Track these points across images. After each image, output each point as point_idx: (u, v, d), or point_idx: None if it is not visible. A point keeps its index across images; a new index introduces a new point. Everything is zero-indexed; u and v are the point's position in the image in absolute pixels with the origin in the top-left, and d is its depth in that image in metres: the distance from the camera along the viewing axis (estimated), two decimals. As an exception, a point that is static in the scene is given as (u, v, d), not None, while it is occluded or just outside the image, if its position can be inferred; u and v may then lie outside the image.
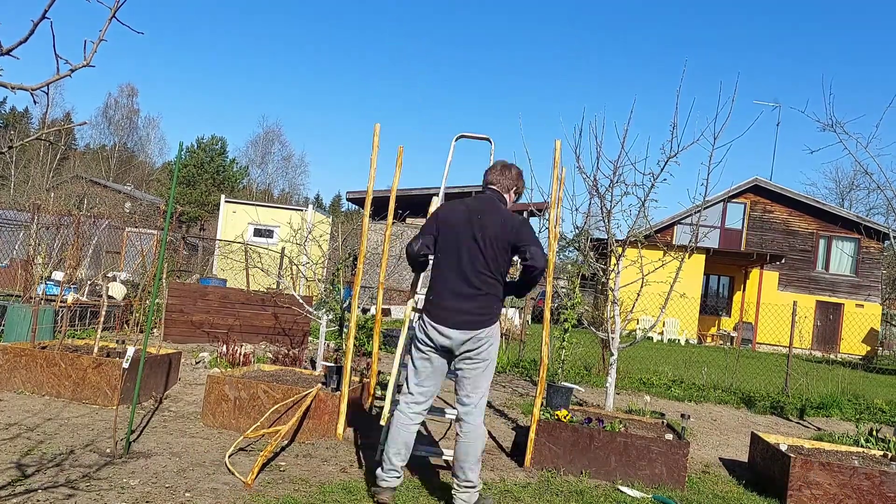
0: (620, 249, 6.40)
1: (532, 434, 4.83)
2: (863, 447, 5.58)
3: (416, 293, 4.64)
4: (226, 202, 21.35)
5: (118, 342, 6.60)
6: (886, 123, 7.38)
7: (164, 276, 9.36)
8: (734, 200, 25.96)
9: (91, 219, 13.61)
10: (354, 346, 5.29)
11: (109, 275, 11.28)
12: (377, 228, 18.58)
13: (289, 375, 5.86)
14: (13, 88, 2.12)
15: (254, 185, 56.98)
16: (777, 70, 78.80)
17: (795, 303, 10.49)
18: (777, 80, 76.01)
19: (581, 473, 4.72)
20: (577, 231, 6.97)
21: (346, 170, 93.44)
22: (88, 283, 10.33)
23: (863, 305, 25.39)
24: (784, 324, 13.16)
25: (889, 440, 5.68)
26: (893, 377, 16.10)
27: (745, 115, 6.67)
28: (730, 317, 26.04)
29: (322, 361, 6.76)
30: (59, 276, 9.62)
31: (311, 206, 21.22)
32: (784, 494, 4.59)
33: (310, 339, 9.58)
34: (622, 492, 4.44)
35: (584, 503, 4.15)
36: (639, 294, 6.27)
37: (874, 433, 6.09)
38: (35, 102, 2.33)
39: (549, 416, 4.97)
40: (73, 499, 3.29)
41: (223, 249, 16.71)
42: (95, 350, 5.83)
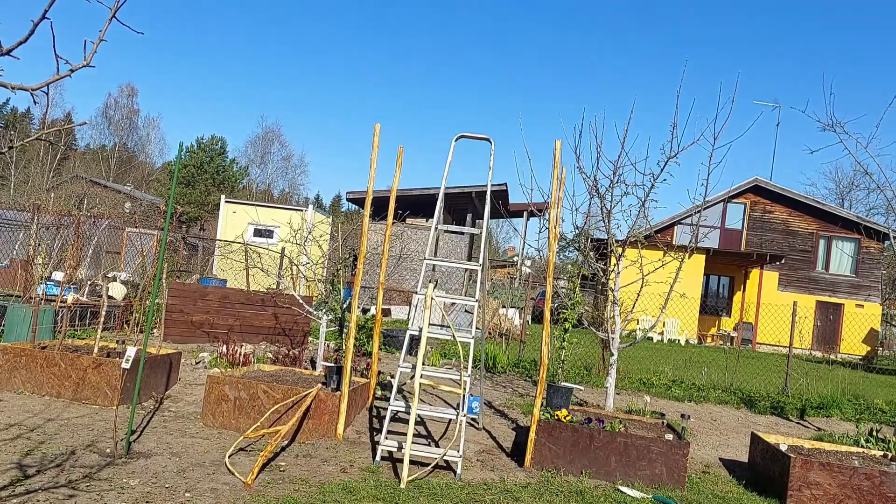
0: (620, 249, 6.40)
1: (532, 434, 4.83)
2: (863, 447, 5.58)
3: (416, 294, 4.65)
4: (226, 202, 21.35)
5: (118, 342, 6.61)
6: (886, 123, 7.39)
7: (164, 277, 9.35)
8: (734, 200, 25.97)
9: (91, 219, 13.61)
10: (354, 347, 5.30)
11: (109, 275, 11.28)
12: (377, 228, 18.58)
13: (289, 375, 5.86)
14: (13, 88, 2.13)
15: (254, 186, 56.98)
16: (777, 70, 78.92)
17: (795, 303, 10.49)
18: (777, 80, 76.10)
19: (581, 473, 4.72)
20: (578, 231, 6.95)
21: (346, 170, 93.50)
22: (88, 284, 10.33)
23: (863, 305, 25.39)
24: (784, 324, 13.16)
25: (889, 440, 5.68)
26: (893, 377, 16.10)
27: (745, 115, 6.69)
28: (730, 317, 26.03)
29: (322, 361, 6.76)
30: (59, 277, 9.62)
31: (311, 207, 21.20)
32: (784, 494, 4.59)
33: (310, 340, 9.58)
34: (622, 492, 4.44)
35: (585, 503, 4.15)
36: (639, 294, 6.27)
37: (874, 433, 6.09)
38: (35, 102, 2.33)
39: (550, 416, 4.97)
40: (74, 499, 3.30)
41: (223, 249, 16.70)
42: (95, 350, 5.84)
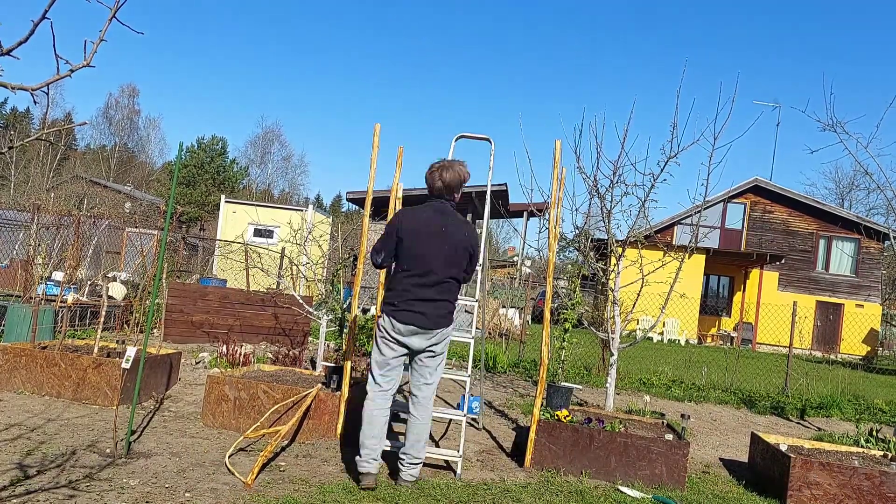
0: (620, 249, 6.39)
1: (532, 434, 4.83)
2: (863, 447, 5.58)
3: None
4: (226, 202, 21.34)
5: (118, 342, 6.60)
6: (886, 123, 7.38)
7: (164, 277, 9.35)
8: (734, 201, 25.97)
9: (91, 219, 13.61)
10: (355, 347, 5.30)
11: (109, 275, 11.27)
12: (377, 228, 18.52)
13: (289, 376, 5.86)
14: (13, 88, 2.13)
15: (254, 186, 56.97)
16: (777, 70, 78.95)
17: (795, 303, 10.49)
18: (777, 80, 76.14)
19: (581, 474, 4.72)
20: (578, 231, 6.95)
21: (346, 170, 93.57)
22: (88, 284, 10.33)
23: (863, 305, 25.39)
24: (784, 324, 13.15)
25: (889, 440, 5.68)
26: (893, 377, 16.10)
27: (745, 116, 6.67)
28: (730, 317, 26.04)
29: (322, 362, 6.76)
30: (59, 277, 9.62)
31: (311, 207, 21.20)
32: (784, 494, 4.59)
33: (310, 340, 9.58)
34: (622, 492, 4.44)
35: (584, 503, 4.15)
36: (639, 294, 6.27)
37: (874, 433, 6.09)
38: (35, 102, 2.33)
39: (550, 417, 4.97)
40: (74, 499, 3.30)
41: (223, 249, 16.69)
42: (95, 350, 5.84)
